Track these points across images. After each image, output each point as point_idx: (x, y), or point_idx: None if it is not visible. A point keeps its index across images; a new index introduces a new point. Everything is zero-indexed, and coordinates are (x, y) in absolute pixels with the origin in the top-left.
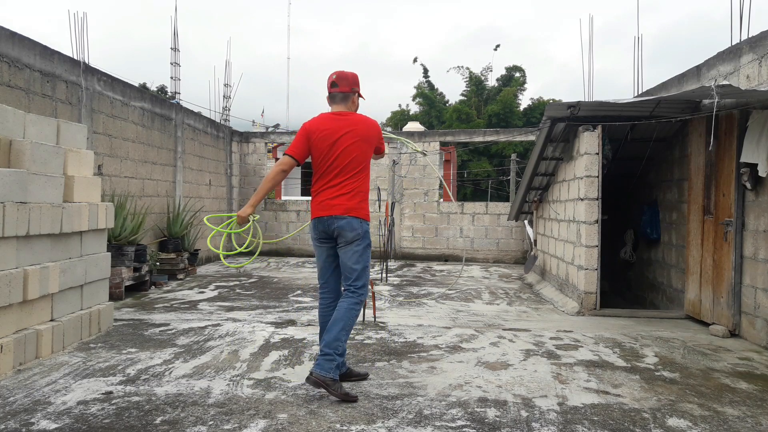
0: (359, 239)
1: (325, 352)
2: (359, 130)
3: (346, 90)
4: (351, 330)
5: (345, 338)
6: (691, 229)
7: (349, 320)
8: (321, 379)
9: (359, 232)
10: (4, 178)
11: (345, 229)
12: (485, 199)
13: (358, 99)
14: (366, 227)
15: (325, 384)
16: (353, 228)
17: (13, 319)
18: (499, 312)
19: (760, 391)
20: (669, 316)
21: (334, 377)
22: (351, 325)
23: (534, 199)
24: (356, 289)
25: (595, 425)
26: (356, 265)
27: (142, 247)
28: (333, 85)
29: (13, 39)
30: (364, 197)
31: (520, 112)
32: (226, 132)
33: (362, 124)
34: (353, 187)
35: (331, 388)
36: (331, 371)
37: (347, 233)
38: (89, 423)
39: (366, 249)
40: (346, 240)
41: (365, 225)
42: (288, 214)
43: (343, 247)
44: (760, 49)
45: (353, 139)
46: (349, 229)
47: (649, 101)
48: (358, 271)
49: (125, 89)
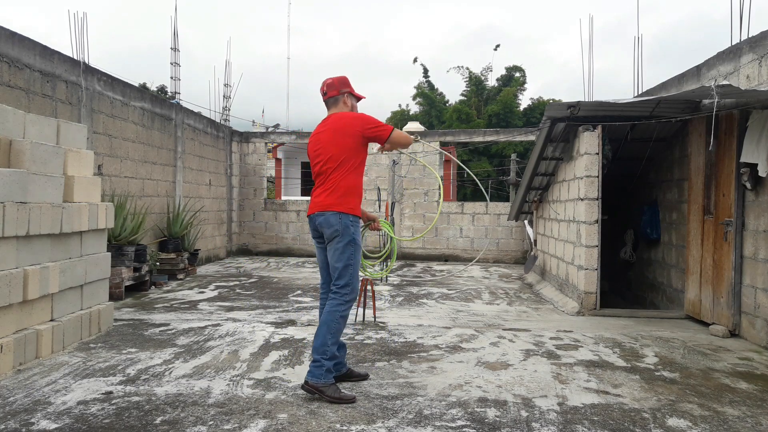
0: (338, 236)
1: (314, 358)
2: (337, 126)
3: (334, 94)
4: (339, 332)
5: (332, 341)
6: (691, 229)
7: (332, 322)
8: (314, 386)
9: (337, 228)
10: (4, 178)
11: (323, 225)
12: (485, 200)
13: (350, 98)
14: (347, 222)
15: (318, 390)
16: (330, 224)
17: (13, 319)
18: (499, 312)
19: (760, 391)
20: (669, 316)
21: (327, 381)
22: (336, 327)
23: (534, 199)
24: (338, 288)
25: (595, 425)
26: (337, 263)
27: (142, 247)
28: (324, 94)
29: (13, 39)
30: (346, 191)
31: (520, 112)
32: (226, 132)
33: (341, 119)
34: (333, 182)
35: (326, 394)
36: (322, 377)
37: (326, 230)
38: (89, 423)
39: (347, 246)
40: (327, 237)
41: (346, 220)
42: (288, 214)
43: (327, 245)
44: (760, 49)
45: (330, 135)
46: (327, 225)
47: (649, 101)
48: (339, 269)
49: (125, 89)
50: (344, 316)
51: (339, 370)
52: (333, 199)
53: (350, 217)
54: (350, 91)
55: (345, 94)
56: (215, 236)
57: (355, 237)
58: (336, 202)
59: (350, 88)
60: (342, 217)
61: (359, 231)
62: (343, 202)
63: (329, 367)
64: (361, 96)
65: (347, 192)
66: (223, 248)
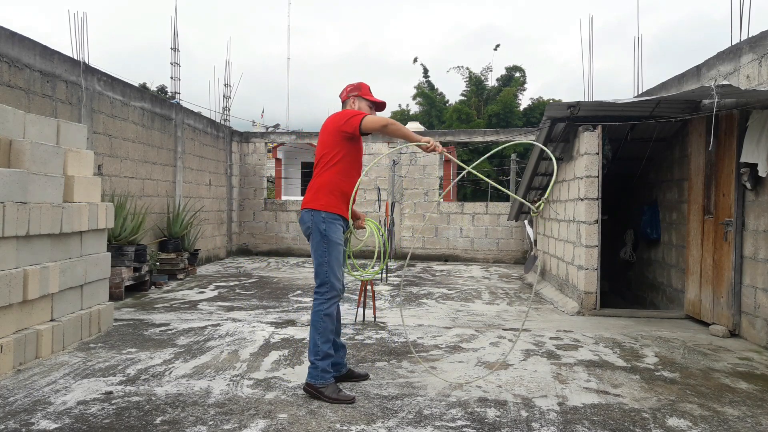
0: (311, 233)
1: (310, 360)
2: (324, 126)
3: (344, 98)
4: (326, 331)
5: (321, 341)
6: (691, 229)
7: (318, 322)
8: (312, 387)
9: (309, 226)
10: (4, 178)
11: (300, 223)
12: (485, 199)
13: (357, 101)
14: (318, 219)
15: (317, 391)
16: (303, 222)
17: (13, 319)
18: (499, 312)
19: (760, 391)
20: (669, 316)
21: (325, 382)
22: (323, 326)
23: (534, 199)
24: (317, 288)
25: (595, 425)
26: (314, 261)
27: (142, 247)
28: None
29: (13, 39)
30: (320, 188)
31: (520, 112)
32: (226, 132)
33: (328, 119)
34: (312, 180)
35: (324, 394)
36: (318, 377)
37: (302, 227)
38: (89, 423)
39: (320, 243)
40: (305, 234)
41: (317, 217)
42: (288, 214)
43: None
44: (760, 49)
45: (321, 137)
46: (302, 222)
47: (649, 101)
48: (315, 267)
49: (125, 89)
50: (328, 314)
51: (339, 371)
52: (308, 197)
53: (322, 213)
54: (359, 94)
55: (352, 98)
56: (215, 236)
57: (327, 234)
58: (310, 199)
59: (360, 92)
60: (314, 214)
61: (334, 228)
62: (316, 199)
63: (324, 367)
64: (377, 100)
65: (321, 188)
66: (223, 248)
